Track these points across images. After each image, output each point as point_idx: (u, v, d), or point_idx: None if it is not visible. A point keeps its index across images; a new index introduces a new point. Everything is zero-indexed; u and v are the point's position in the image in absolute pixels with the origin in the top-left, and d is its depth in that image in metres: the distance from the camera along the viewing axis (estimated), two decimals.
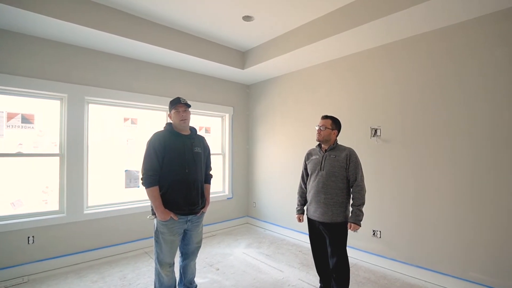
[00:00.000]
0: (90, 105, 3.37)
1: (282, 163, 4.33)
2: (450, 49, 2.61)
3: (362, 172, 2.17)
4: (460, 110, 2.55)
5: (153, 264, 3.08)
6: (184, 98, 2.18)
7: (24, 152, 2.98)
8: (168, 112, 2.19)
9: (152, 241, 3.59)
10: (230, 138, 4.78)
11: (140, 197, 3.72)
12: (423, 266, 2.75)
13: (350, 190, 2.19)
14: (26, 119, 2.99)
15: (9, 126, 2.90)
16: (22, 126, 2.97)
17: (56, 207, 3.12)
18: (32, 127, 3.03)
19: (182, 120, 2.09)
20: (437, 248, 2.66)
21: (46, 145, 3.13)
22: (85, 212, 3.23)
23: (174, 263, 2.11)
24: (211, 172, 2.37)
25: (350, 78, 3.43)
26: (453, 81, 2.59)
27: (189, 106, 2.14)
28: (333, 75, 3.62)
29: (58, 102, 3.15)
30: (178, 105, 2.10)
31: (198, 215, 2.15)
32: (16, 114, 2.94)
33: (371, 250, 3.16)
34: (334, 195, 2.13)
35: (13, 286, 2.65)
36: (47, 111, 3.12)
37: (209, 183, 2.33)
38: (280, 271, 3.02)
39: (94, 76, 3.32)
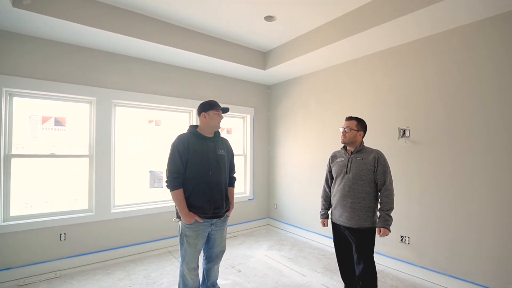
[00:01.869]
0: (117, 107, 3.49)
1: (304, 164, 4.25)
2: (489, 43, 2.42)
3: (391, 175, 2.07)
4: (498, 110, 2.36)
5: (176, 264, 3.16)
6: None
7: (57, 153, 3.14)
8: (204, 111, 2.10)
9: (175, 240, 3.73)
10: (251, 139, 4.77)
11: (164, 197, 3.80)
12: (457, 276, 2.58)
13: (377, 194, 2.10)
14: (59, 122, 3.15)
15: (43, 128, 3.07)
16: (55, 129, 3.13)
17: (85, 205, 3.25)
18: (64, 130, 3.19)
19: (219, 123, 2.14)
20: (472, 257, 2.49)
21: (77, 147, 3.27)
22: (112, 211, 3.35)
23: (198, 266, 2.12)
24: (234, 175, 2.35)
25: (375, 77, 3.30)
26: (491, 79, 2.41)
27: (227, 111, 2.20)
28: (357, 74, 3.50)
29: (88, 105, 3.29)
30: (220, 108, 2.14)
31: (222, 218, 2.14)
32: (49, 117, 3.10)
33: (399, 256, 3.02)
34: (361, 199, 2.05)
35: (46, 280, 2.79)
36: (77, 114, 3.27)
37: (233, 186, 2.30)
38: (303, 275, 2.96)
39: (120, 79, 3.43)
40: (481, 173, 2.45)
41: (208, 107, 2.10)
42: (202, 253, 2.22)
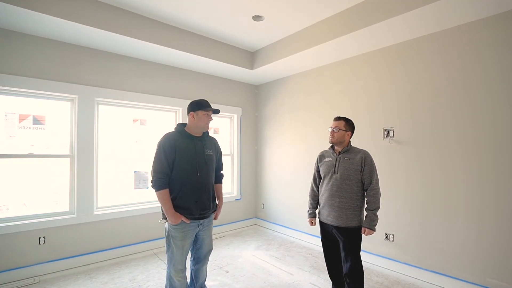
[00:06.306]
0: (100, 106, 3.38)
1: (291, 164, 4.28)
2: (476, 44, 2.50)
3: (377, 175, 2.12)
4: (479, 112, 2.46)
5: (162, 266, 3.10)
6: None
7: (36, 153, 3.00)
8: (192, 111, 2.03)
9: (161, 242, 3.66)
10: (239, 139, 4.75)
11: (149, 198, 3.72)
12: (438, 271, 2.67)
13: (364, 194, 2.14)
14: (38, 120, 3.02)
15: (21, 127, 2.92)
16: (33, 127, 2.99)
17: (66, 208, 3.13)
18: (43, 128, 3.05)
19: (207, 124, 2.07)
20: (453, 253, 2.59)
21: (57, 146, 3.14)
22: (95, 213, 3.24)
23: (186, 268, 2.08)
24: (222, 172, 2.32)
25: (360, 78, 3.36)
26: (476, 79, 2.49)
27: (217, 112, 2.12)
28: (343, 75, 3.56)
29: (69, 103, 3.16)
30: (210, 109, 2.06)
31: (209, 218, 2.12)
32: (27, 116, 2.96)
33: (384, 254, 3.10)
34: (349, 198, 2.08)
35: (24, 286, 2.66)
36: (58, 112, 3.13)
37: (221, 183, 2.28)
38: (291, 274, 2.97)
39: (104, 77, 3.33)
40: (463, 171, 2.55)
41: (198, 107, 2.04)
42: (189, 254, 2.18)
